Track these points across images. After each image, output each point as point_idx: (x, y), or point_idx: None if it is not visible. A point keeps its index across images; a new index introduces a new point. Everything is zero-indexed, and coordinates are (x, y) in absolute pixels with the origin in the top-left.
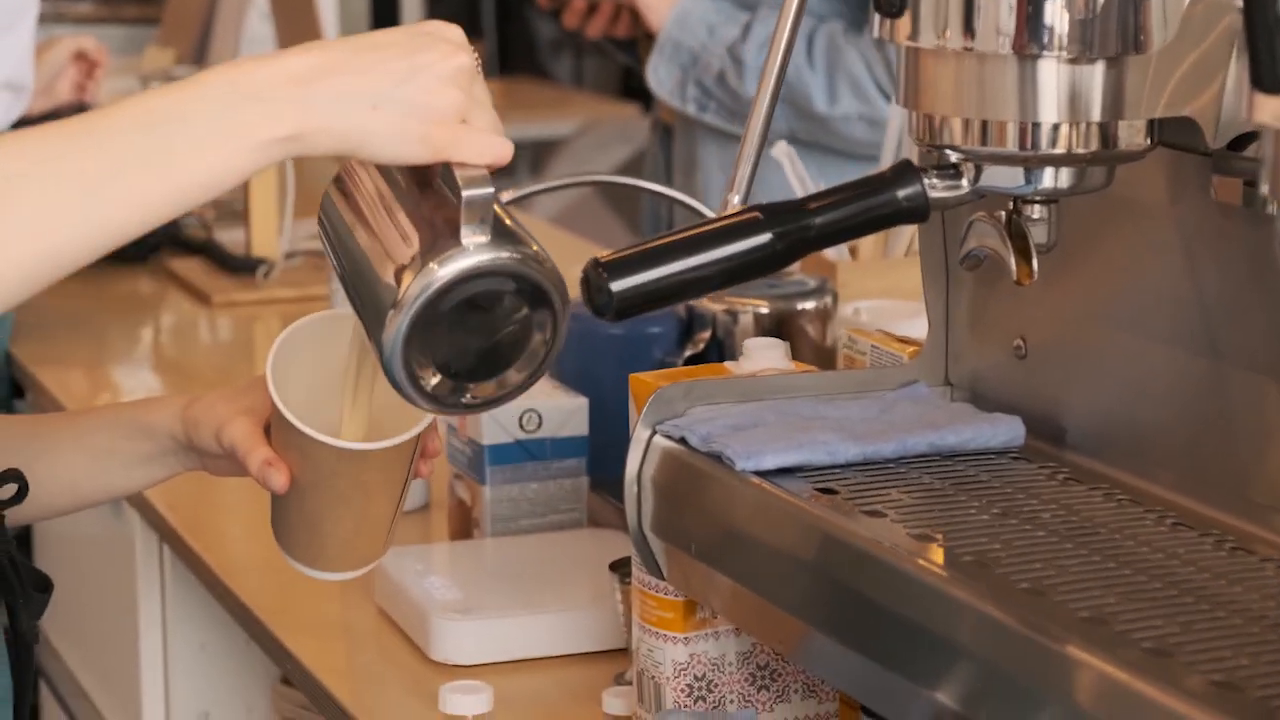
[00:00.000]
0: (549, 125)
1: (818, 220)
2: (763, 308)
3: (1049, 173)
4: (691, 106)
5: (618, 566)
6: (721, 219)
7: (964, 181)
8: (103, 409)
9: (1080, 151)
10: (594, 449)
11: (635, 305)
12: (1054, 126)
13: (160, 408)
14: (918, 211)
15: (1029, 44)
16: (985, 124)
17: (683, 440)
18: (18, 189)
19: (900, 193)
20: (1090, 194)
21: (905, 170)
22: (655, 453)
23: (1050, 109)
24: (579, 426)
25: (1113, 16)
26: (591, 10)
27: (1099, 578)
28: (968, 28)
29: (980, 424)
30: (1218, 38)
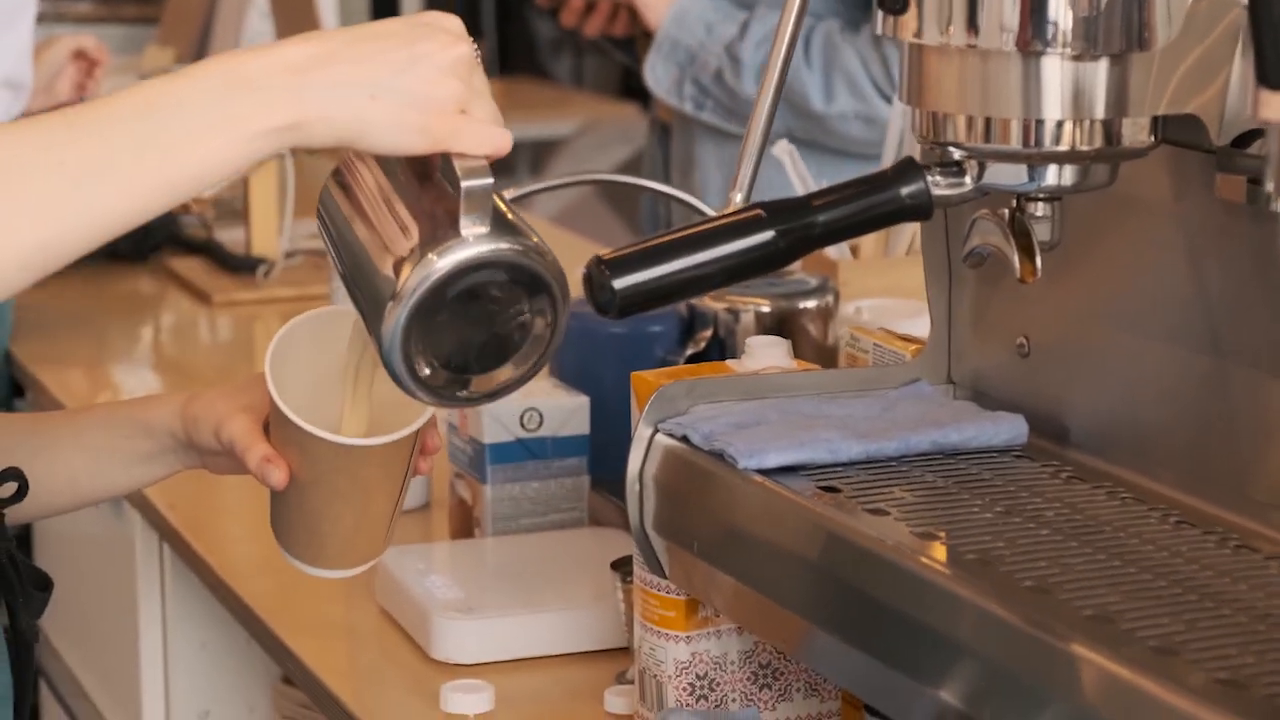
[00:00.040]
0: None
1: (821, 218)
2: (764, 306)
3: (1052, 170)
4: (689, 105)
5: (619, 565)
6: (724, 217)
7: (967, 179)
8: (102, 407)
9: (1084, 149)
10: (595, 448)
11: (638, 303)
12: (1058, 124)
13: (159, 405)
14: (921, 209)
15: (1033, 41)
16: (989, 121)
17: (685, 438)
18: (14, 178)
19: (903, 190)
20: (1093, 192)
21: (908, 168)
22: (657, 451)
23: (1054, 106)
24: (580, 425)
25: (1117, 13)
26: (589, 9)
27: (1103, 576)
28: (971, 24)
29: (983, 422)
30: (1221, 34)
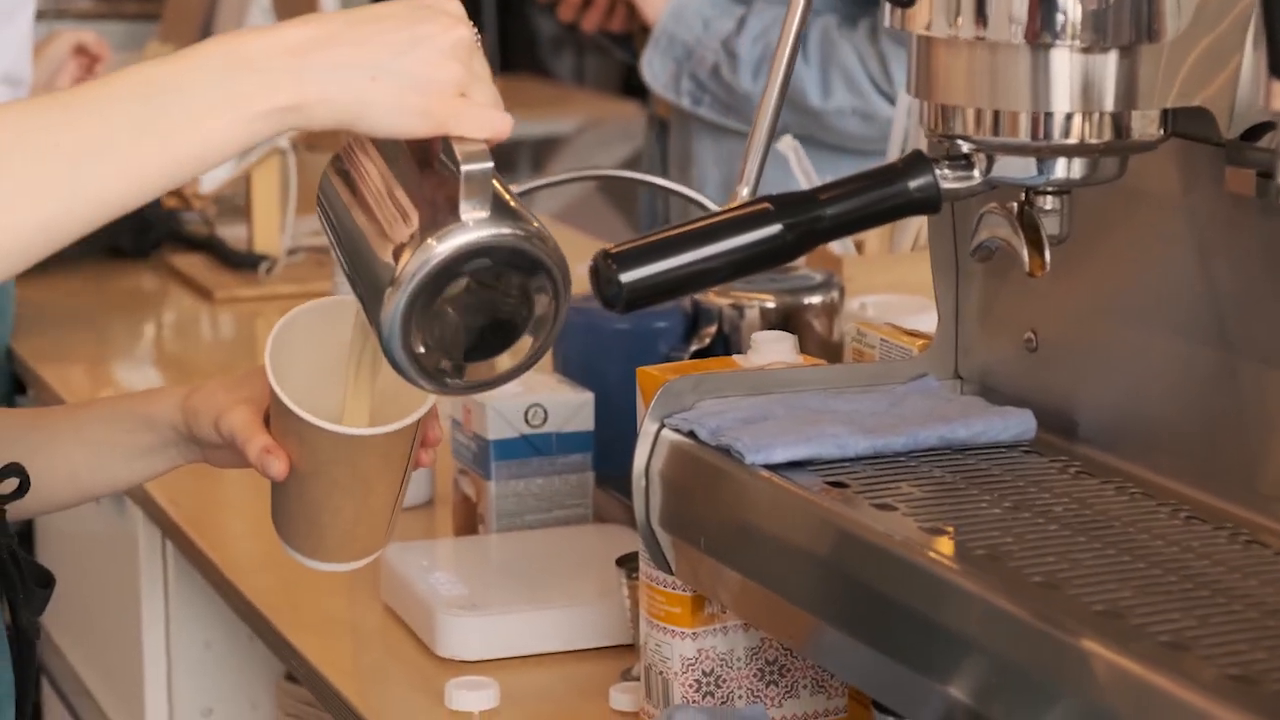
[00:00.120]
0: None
1: (828, 211)
2: (769, 302)
3: (1061, 163)
4: (686, 100)
5: (625, 561)
6: (731, 210)
7: (976, 172)
8: (102, 401)
9: (1093, 142)
10: (599, 444)
11: (645, 297)
12: (1066, 116)
13: (160, 399)
14: (929, 202)
15: (1041, 33)
16: (997, 114)
17: (691, 434)
18: (13, 159)
19: (912, 183)
20: (1102, 185)
21: (917, 161)
22: (663, 446)
23: (1063, 99)
24: (585, 421)
25: (1126, 5)
26: (587, 4)
27: (1113, 571)
28: (980, 17)
29: (991, 417)
30: (1231, 24)
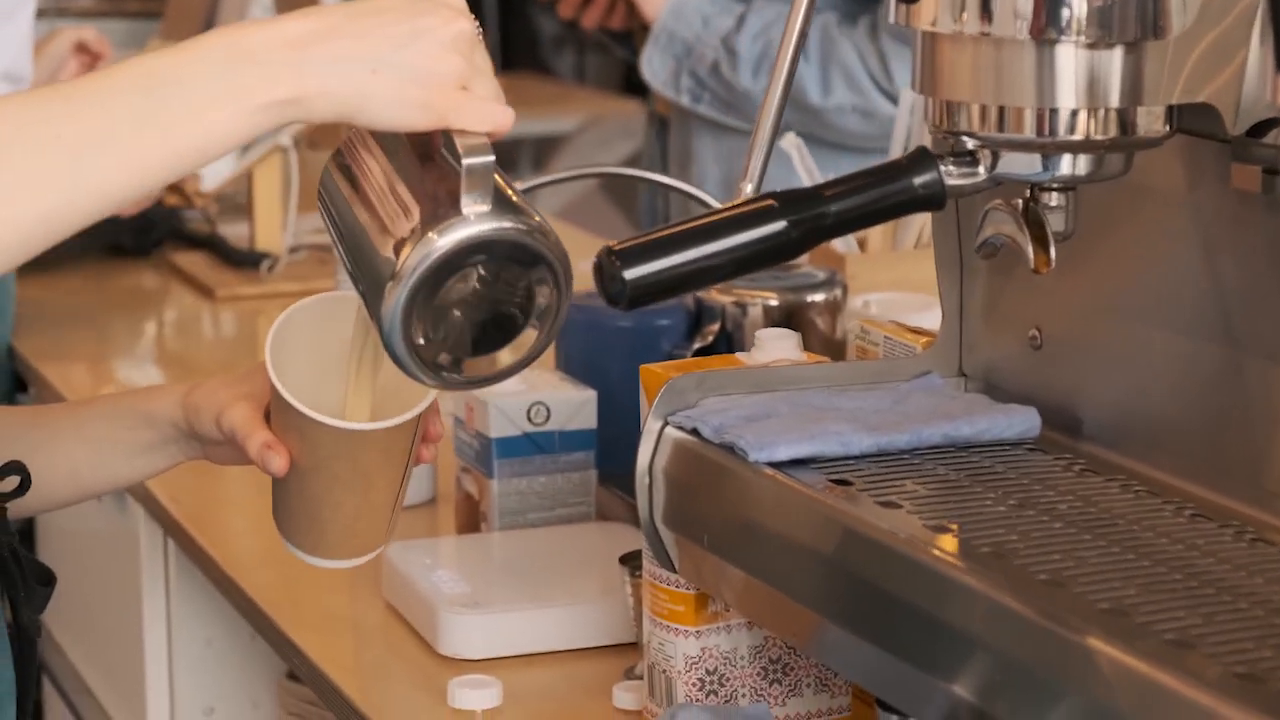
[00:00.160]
0: (551, 121)
1: (833, 208)
2: (772, 300)
3: (1067, 160)
4: (685, 98)
5: (628, 560)
6: (736, 206)
7: (981, 169)
8: (103, 398)
9: (1098, 138)
10: (602, 442)
11: (649, 293)
12: (1072, 113)
13: (161, 396)
14: (934, 199)
15: (1047, 29)
16: (1002, 110)
17: (695, 431)
18: (14, 151)
19: (917, 180)
20: (1107, 182)
21: (922, 157)
22: (667, 444)
23: (1068, 95)
24: (587, 419)
25: (1131, 1)
26: (587, 2)
27: (1118, 569)
28: (985, 12)
29: (995, 415)
30: (1236, 19)
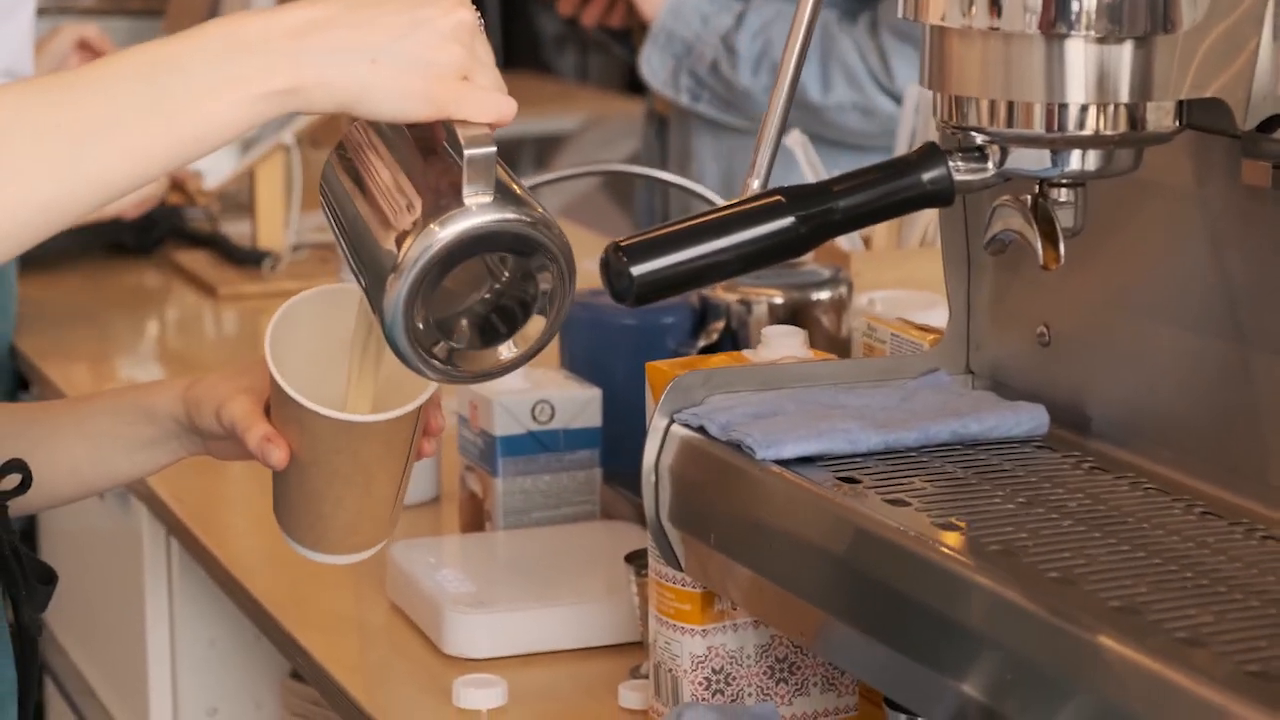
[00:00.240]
0: (553, 120)
1: (841, 204)
2: (777, 298)
3: (1076, 155)
4: (685, 97)
5: (633, 558)
6: (744, 202)
7: (989, 164)
8: (103, 394)
9: (1108, 134)
10: (606, 440)
11: (656, 290)
12: (1081, 108)
13: (161, 390)
14: (943, 195)
15: (1056, 23)
16: (1011, 105)
17: (701, 429)
18: (15, 138)
19: (925, 175)
20: (1116, 178)
21: (930, 153)
22: (673, 442)
23: (1078, 90)
24: (592, 418)
25: None
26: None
27: (1128, 567)
28: (994, 6)
29: (1003, 412)
30: (1245, 12)
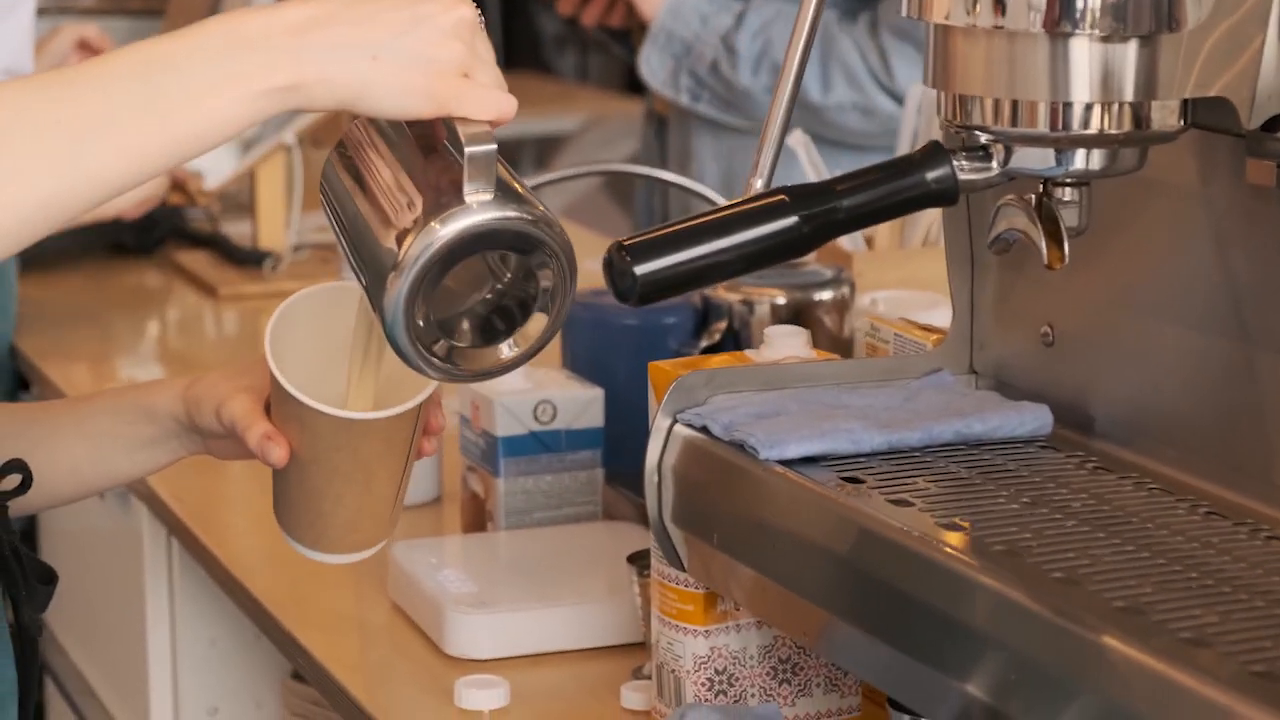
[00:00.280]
0: (554, 120)
1: (845, 203)
2: (779, 298)
3: (1080, 154)
4: (685, 97)
5: (636, 559)
6: (747, 201)
7: (994, 163)
8: (103, 394)
9: (1112, 132)
10: (608, 440)
11: (660, 289)
12: (1086, 107)
13: (161, 390)
14: (947, 194)
15: (1061, 22)
16: (1016, 104)
17: (704, 429)
18: (13, 135)
19: (929, 175)
20: (1121, 177)
21: (934, 152)
22: (676, 442)
23: (1082, 89)
24: (594, 418)
25: None
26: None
27: (1133, 567)
28: (999, 5)
29: (1007, 412)
30: (1249, 10)
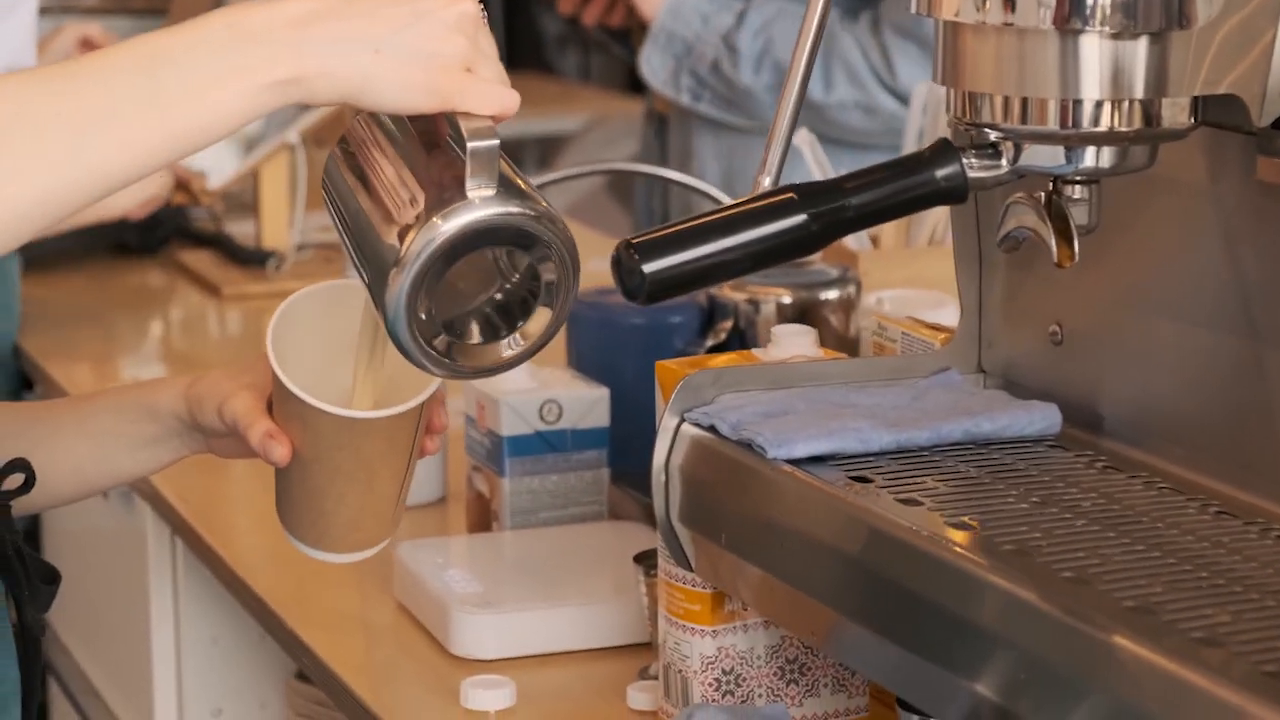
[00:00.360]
0: (556, 120)
1: (854, 201)
2: (785, 297)
3: (1090, 152)
4: (685, 96)
5: (643, 558)
6: (755, 199)
7: (1003, 161)
8: (105, 393)
9: (1122, 130)
10: (614, 440)
11: (668, 288)
12: (1096, 104)
13: (164, 388)
14: (956, 192)
15: (1071, 18)
16: (1025, 102)
17: (712, 428)
18: (14, 129)
19: (938, 172)
20: (1130, 175)
21: (943, 150)
22: (684, 441)
23: (1092, 86)
24: (600, 418)
25: None
26: None
27: (1143, 567)
28: (1008, 2)
29: (1016, 411)
30: (1259, 6)
